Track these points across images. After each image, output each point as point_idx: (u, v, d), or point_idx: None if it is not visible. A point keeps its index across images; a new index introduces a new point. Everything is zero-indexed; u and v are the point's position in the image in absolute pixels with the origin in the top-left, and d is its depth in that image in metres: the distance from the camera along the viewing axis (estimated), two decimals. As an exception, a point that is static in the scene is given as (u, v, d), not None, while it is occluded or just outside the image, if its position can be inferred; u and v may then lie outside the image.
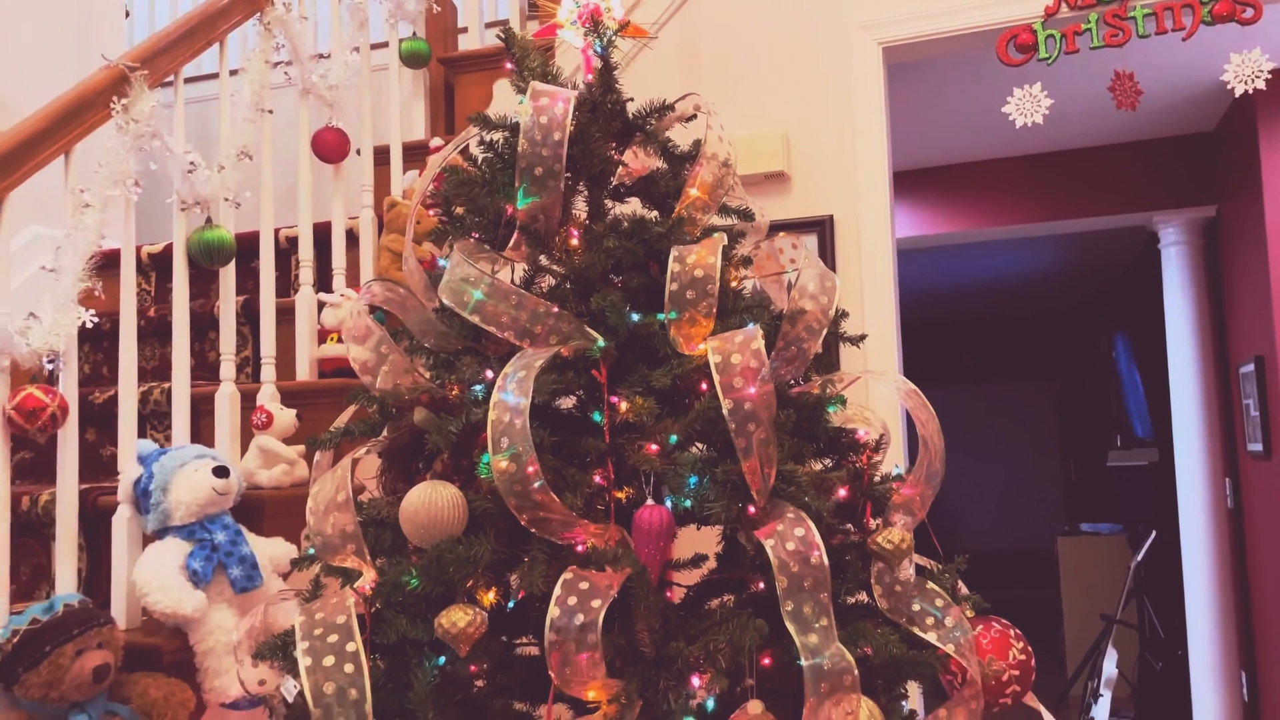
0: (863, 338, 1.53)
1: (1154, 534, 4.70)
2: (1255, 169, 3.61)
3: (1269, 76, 2.04)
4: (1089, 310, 8.45)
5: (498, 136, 1.46)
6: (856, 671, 1.13)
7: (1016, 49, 2.17)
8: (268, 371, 2.00)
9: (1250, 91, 2.02)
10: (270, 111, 2.04)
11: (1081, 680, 5.09)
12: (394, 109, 2.45)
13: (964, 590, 1.46)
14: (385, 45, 2.61)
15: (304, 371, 2.12)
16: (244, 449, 1.94)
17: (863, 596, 1.39)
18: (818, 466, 1.42)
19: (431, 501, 1.19)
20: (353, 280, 2.33)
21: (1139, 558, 4.74)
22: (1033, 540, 9.08)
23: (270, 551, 1.74)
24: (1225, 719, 4.20)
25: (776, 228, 2.36)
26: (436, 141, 2.45)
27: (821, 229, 2.32)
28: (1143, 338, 5.92)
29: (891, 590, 1.34)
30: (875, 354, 2.27)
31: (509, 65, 1.54)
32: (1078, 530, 6.22)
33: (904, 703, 1.38)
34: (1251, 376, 3.81)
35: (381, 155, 2.49)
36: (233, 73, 2.07)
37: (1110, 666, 4.63)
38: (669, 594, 1.46)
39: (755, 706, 1.10)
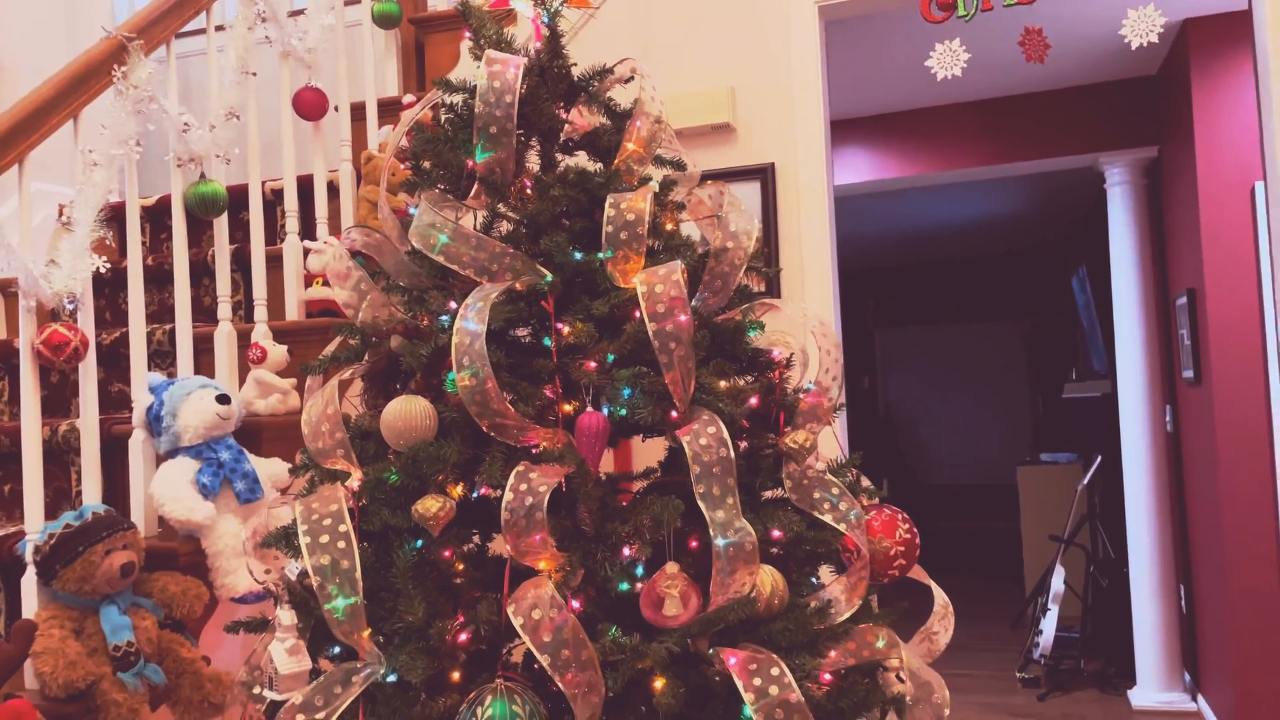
0: (778, 271, 1.75)
1: (1099, 458, 4.99)
2: (1189, 112, 3.83)
3: (1162, 29, 2.25)
4: (1054, 251, 8.70)
5: (458, 99, 1.67)
6: (756, 541, 1.37)
7: (939, 8, 2.37)
8: (260, 312, 2.22)
9: (1145, 44, 2.23)
10: (254, 74, 2.23)
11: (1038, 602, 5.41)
12: (368, 68, 2.63)
13: (866, 484, 1.71)
14: (358, 1, 2.77)
15: (293, 312, 2.34)
16: (241, 382, 2.16)
17: (780, 491, 1.63)
18: (741, 382, 1.66)
19: (407, 411, 1.42)
20: (335, 228, 2.53)
21: (1085, 481, 5.03)
22: (1003, 474, 9.43)
23: (268, 470, 1.98)
24: (1164, 630, 4.52)
25: (722, 175, 2.59)
26: (409, 98, 2.64)
27: (764, 176, 2.53)
28: (1098, 275, 6.16)
29: (799, 483, 1.59)
30: (814, 288, 2.49)
31: (467, 35, 1.74)
32: (1037, 460, 6.53)
33: (814, 578, 1.64)
34: (1185, 308, 4.06)
35: (358, 111, 2.68)
36: (218, 28, 2.25)
37: (1058, 583, 4.95)
38: (623, 499, 1.70)
39: (672, 567, 1.35)
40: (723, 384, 1.60)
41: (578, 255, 1.55)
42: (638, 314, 1.50)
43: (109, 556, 1.70)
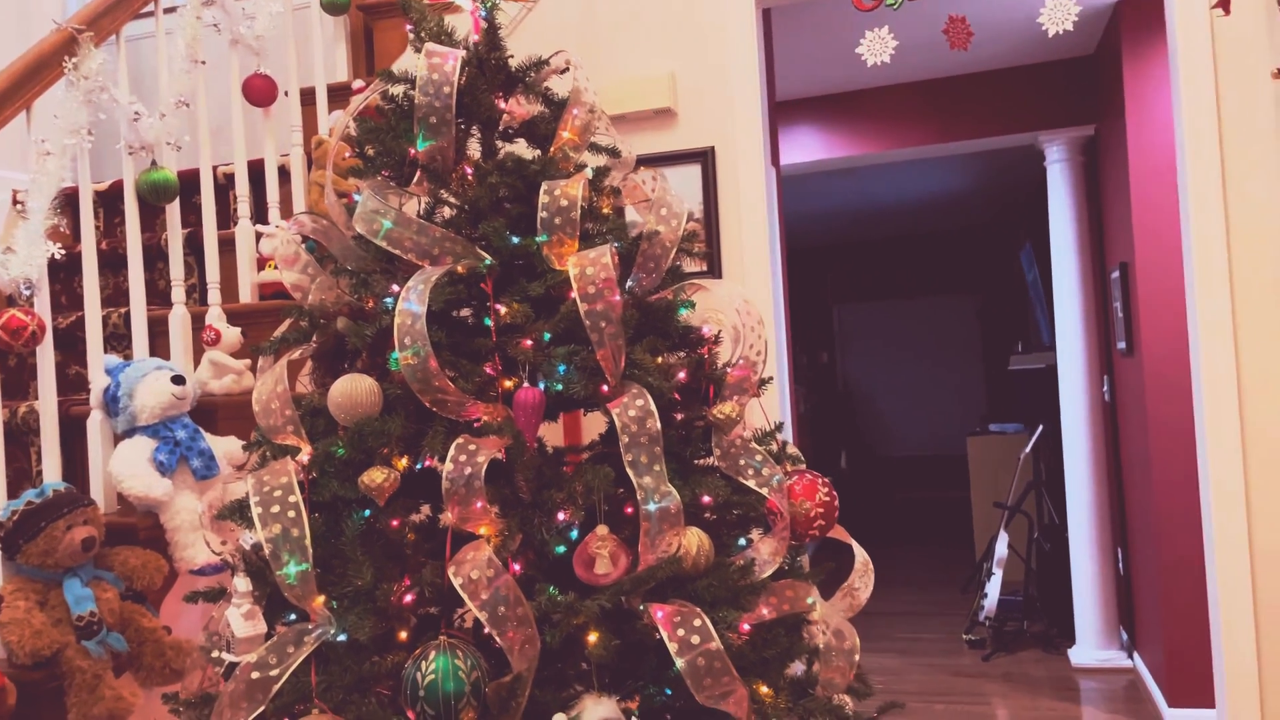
0: (707, 254, 1.84)
1: (1040, 428, 5.17)
2: (1121, 91, 3.96)
3: (1077, 18, 2.36)
4: (1005, 226, 8.88)
5: (400, 89, 1.74)
6: (681, 505, 1.48)
7: (868, -4, 2.47)
8: (213, 295, 2.29)
9: (1062, 32, 2.34)
10: (203, 63, 2.28)
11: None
12: (318, 54, 2.69)
13: (792, 451, 1.82)
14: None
15: (246, 294, 2.41)
16: (197, 363, 2.23)
17: (711, 460, 1.74)
18: (673, 358, 1.76)
19: (352, 389, 1.51)
20: (287, 213, 2.59)
21: (1027, 450, 5.21)
22: (958, 445, 9.66)
23: (224, 447, 2.05)
24: (1102, 591, 4.72)
25: (665, 159, 2.68)
26: (358, 83, 2.69)
27: (704, 159, 2.63)
28: (1042, 250, 6.33)
29: (727, 452, 1.70)
30: (753, 267, 2.60)
31: (409, 28, 1.81)
32: (986, 431, 6.72)
33: (743, 539, 1.75)
34: (1118, 282, 4.22)
35: (308, 96, 2.74)
36: (167, 10, 2.30)
37: (1001, 548, 5.13)
38: (568, 469, 1.80)
39: (602, 529, 1.45)
40: (656, 360, 1.71)
41: (515, 239, 1.64)
42: (572, 295, 1.60)
43: (70, 531, 1.77)
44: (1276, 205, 2.19)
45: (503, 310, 1.57)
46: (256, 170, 2.59)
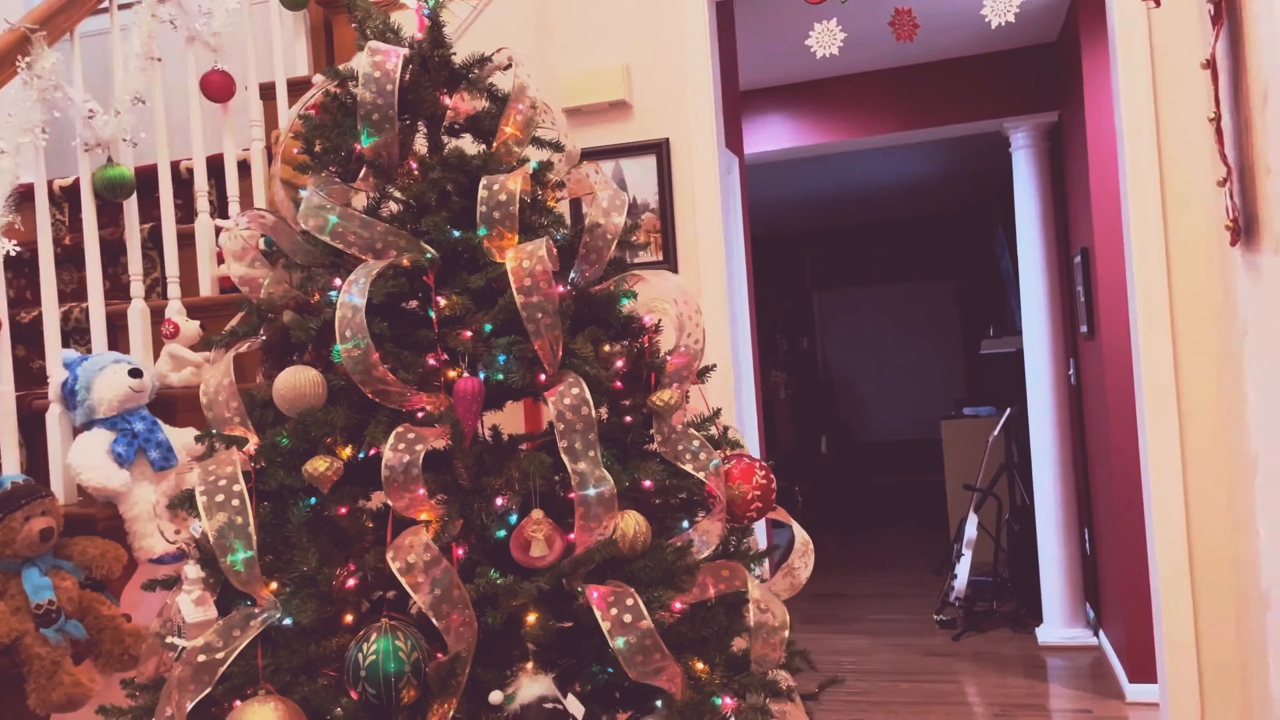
0: (644, 245, 1.89)
1: (1009, 410, 5.24)
2: (1080, 78, 4.02)
3: (1018, 10, 2.41)
4: (981, 211, 8.95)
5: (343, 87, 1.78)
6: (614, 490, 1.53)
7: (817, -12, 2.51)
8: (173, 289, 2.32)
9: (1003, 24, 2.39)
10: (159, 60, 2.31)
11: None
12: (277, 49, 2.72)
13: (733, 436, 1.87)
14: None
15: (206, 288, 2.44)
16: (157, 356, 2.27)
17: (653, 446, 1.79)
18: (617, 347, 1.81)
19: (296, 380, 1.55)
20: (248, 207, 2.63)
21: (995, 433, 5.29)
22: (936, 429, 9.75)
23: (182, 439, 2.09)
24: (1068, 571, 4.81)
25: (620, 151, 2.72)
26: (319, 78, 2.72)
27: (659, 150, 2.67)
28: (1013, 235, 6.40)
29: (668, 438, 1.75)
30: (707, 255, 2.65)
31: (353, 25, 1.85)
32: (960, 414, 6.80)
33: (685, 522, 1.80)
34: (1080, 267, 4.29)
35: (269, 91, 2.77)
36: (122, 7, 2.32)
37: (971, 530, 5.22)
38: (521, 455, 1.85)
39: (537, 514, 1.50)
40: (605, 348, 1.76)
41: (456, 233, 1.68)
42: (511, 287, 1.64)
43: (29, 522, 1.81)
44: (1210, 189, 2.25)
45: (443, 303, 1.61)
46: (219, 165, 2.62)
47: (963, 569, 5.15)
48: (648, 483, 1.69)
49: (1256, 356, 2.01)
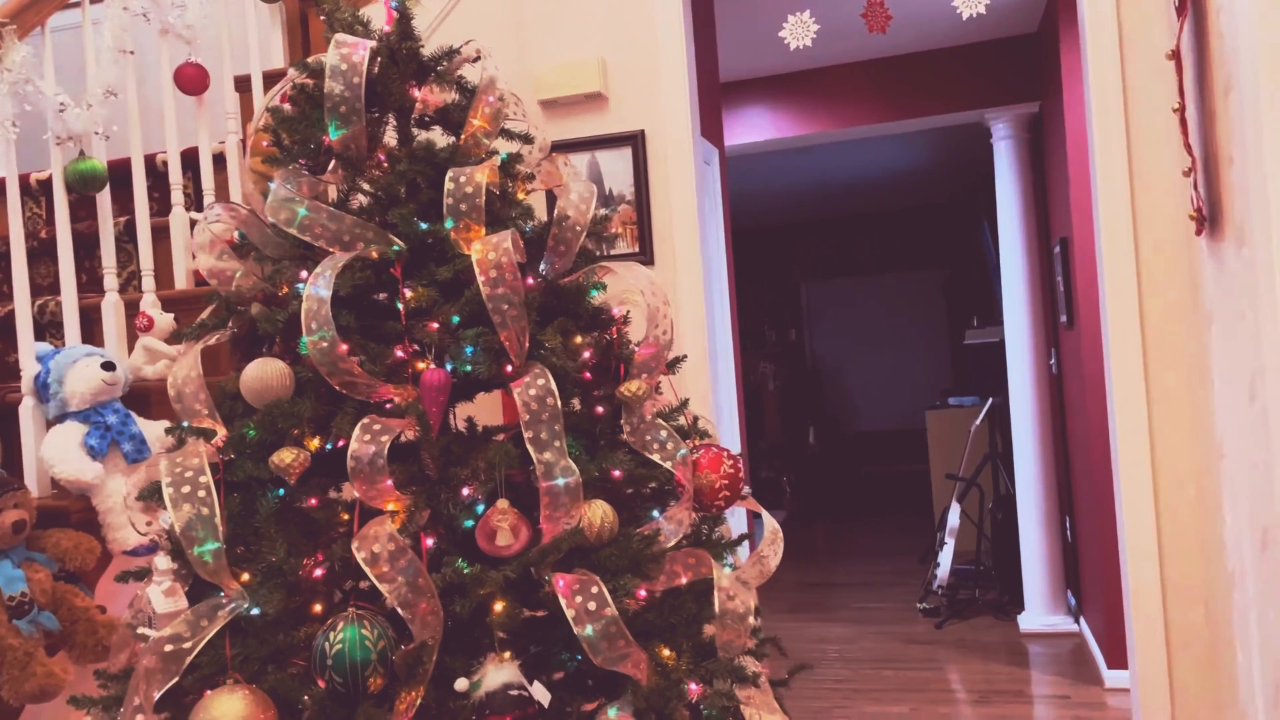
0: (615, 237, 1.90)
1: (990, 400, 5.27)
2: (1059, 70, 4.03)
3: (988, 1, 2.42)
4: (968, 202, 8.97)
5: (311, 80, 1.79)
6: (580, 480, 1.54)
7: (790, -21, 2.52)
8: (147, 282, 2.33)
9: (974, 15, 2.40)
10: (131, 53, 2.31)
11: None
12: (253, 41, 2.71)
13: (702, 426, 1.89)
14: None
15: (182, 281, 2.45)
16: (131, 349, 2.27)
17: (624, 436, 1.81)
18: (586, 338, 1.82)
19: (263, 372, 1.56)
20: (225, 199, 2.63)
21: (977, 422, 5.32)
22: (923, 419, 9.79)
23: (156, 431, 2.10)
24: (1049, 559, 4.84)
25: (596, 143, 2.73)
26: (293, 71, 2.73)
27: (634, 143, 2.68)
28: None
29: (636, 428, 1.76)
30: (683, 246, 2.66)
31: (322, 18, 1.85)
32: (945, 404, 6.84)
33: (656, 511, 1.81)
34: (1060, 257, 4.31)
35: (244, 83, 2.77)
36: (94, 0, 2.31)
37: (953, 519, 5.25)
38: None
39: (502, 503, 1.52)
40: (573, 339, 1.77)
41: (423, 225, 1.69)
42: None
43: (1, 515, 1.82)
44: (1178, 179, 2.27)
45: (409, 294, 1.62)
46: (194, 158, 2.62)
47: (945, 558, 5.19)
48: (617, 472, 1.70)
49: (1221, 344, 2.04)
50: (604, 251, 2.67)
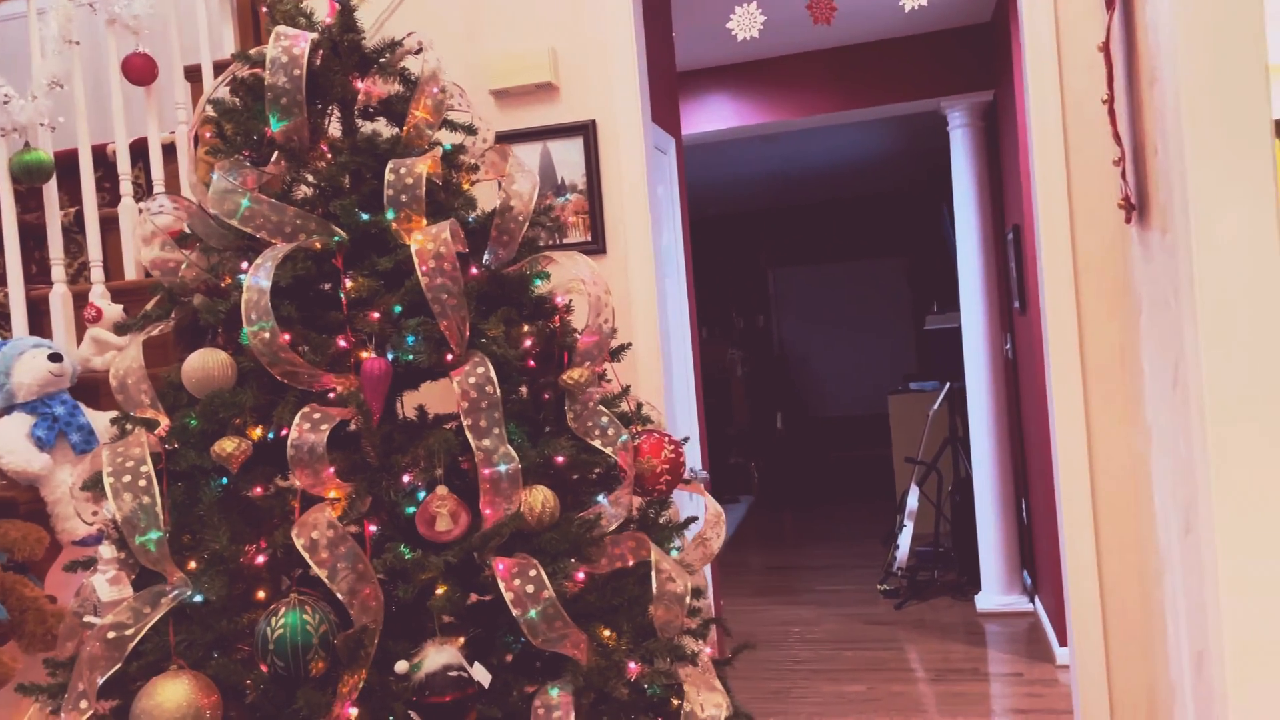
0: (556, 227, 1.93)
1: (947, 385, 5.35)
2: (1011, 58, 4.09)
3: (932, -6, 2.47)
4: (931, 189, 9.06)
5: (251, 72, 1.80)
6: (519, 466, 1.58)
7: (738, -29, 2.55)
8: (96, 273, 2.33)
9: (915, 8, 2.45)
10: (77, 43, 2.30)
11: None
12: (202, 32, 2.71)
13: (646, 412, 1.93)
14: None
15: (131, 272, 2.45)
16: (80, 340, 2.28)
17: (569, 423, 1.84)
18: (527, 327, 1.85)
19: (204, 363, 1.58)
20: (175, 190, 2.63)
21: (935, 407, 5.40)
22: (886, 404, 9.90)
23: (104, 422, 2.11)
24: (1005, 540, 4.94)
25: (548, 133, 2.75)
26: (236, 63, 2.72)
27: (586, 132, 2.70)
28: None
29: (579, 415, 1.80)
30: (635, 239, 2.69)
31: (264, 10, 1.86)
32: (907, 389, 6.93)
33: (601, 496, 1.85)
34: (1013, 243, 4.38)
35: (195, 73, 2.76)
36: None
37: (912, 501, 5.33)
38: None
39: (442, 489, 1.55)
40: (519, 328, 1.80)
41: (365, 216, 1.71)
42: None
43: (-54, 507, 1.82)
44: (1109, 168, 2.32)
45: (349, 285, 1.65)
46: (144, 148, 2.62)
47: (904, 540, 5.27)
48: (560, 458, 1.74)
49: (1149, 330, 2.10)
50: (556, 241, 2.70)
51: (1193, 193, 1.69)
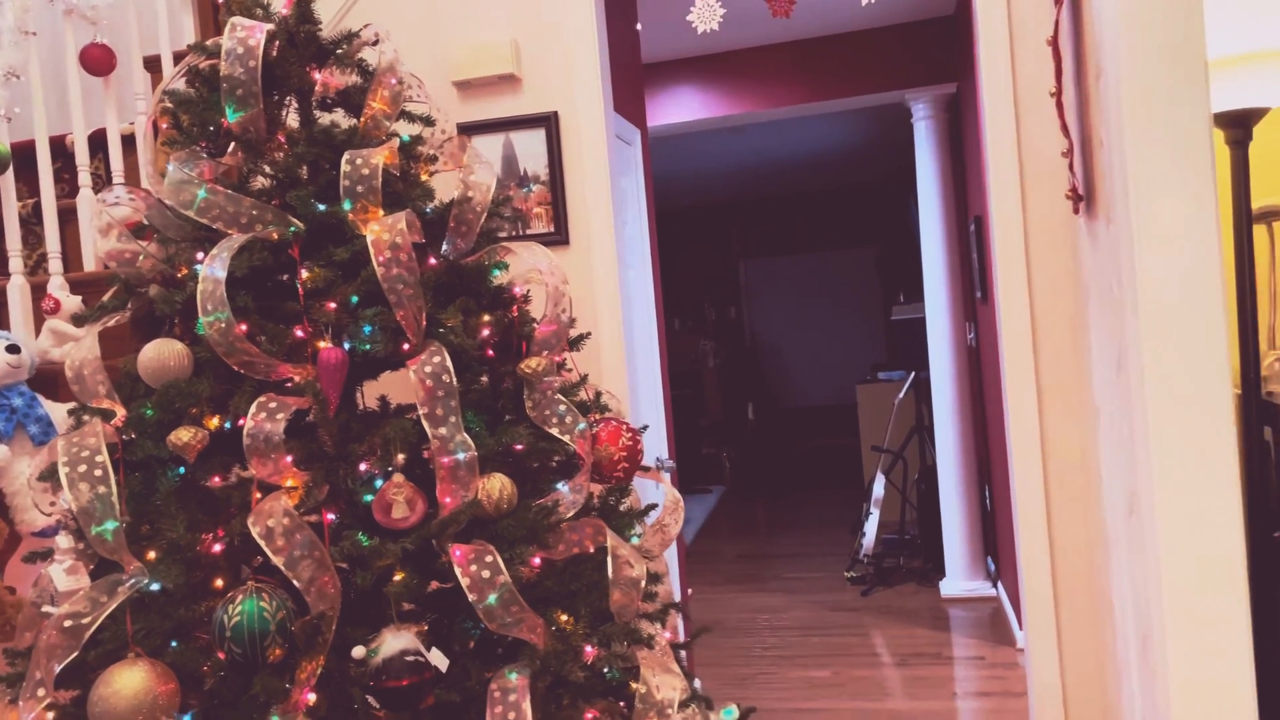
0: (525, 217, 1.95)
1: (912, 374, 5.42)
2: (973, 51, 4.14)
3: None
4: (899, 180, 9.13)
5: (207, 63, 1.80)
6: (475, 454, 1.60)
7: (697, -36, 2.57)
8: (54, 264, 2.32)
9: (871, 1, 2.48)
10: (34, 34, 2.29)
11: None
12: (162, 22, 2.70)
13: (605, 400, 1.95)
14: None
15: (90, 263, 2.44)
16: (39, 332, 2.27)
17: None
18: (487, 317, 1.87)
19: (159, 353, 1.59)
20: (135, 181, 2.62)
21: (900, 396, 5.46)
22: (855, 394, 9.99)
23: (63, 414, 2.10)
24: (969, 527, 5.01)
25: (510, 124, 2.76)
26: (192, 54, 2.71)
27: (548, 124, 2.72)
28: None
29: (538, 403, 1.82)
30: (598, 227, 2.71)
31: (221, 1, 1.86)
32: (875, 379, 7.00)
33: (559, 484, 1.87)
34: (974, 234, 4.44)
35: (155, 63, 2.75)
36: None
37: (879, 489, 5.40)
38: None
39: (398, 477, 1.56)
40: (477, 318, 1.82)
41: (321, 207, 1.72)
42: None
43: (-98, 500, 1.82)
44: (1059, 159, 2.37)
45: (305, 275, 1.66)
46: (103, 140, 2.60)
47: (871, 527, 5.34)
48: (519, 446, 1.76)
49: (1096, 317, 2.15)
50: (520, 231, 2.71)
51: (1134, 183, 1.73)
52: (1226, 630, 1.75)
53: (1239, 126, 2.11)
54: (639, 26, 2.25)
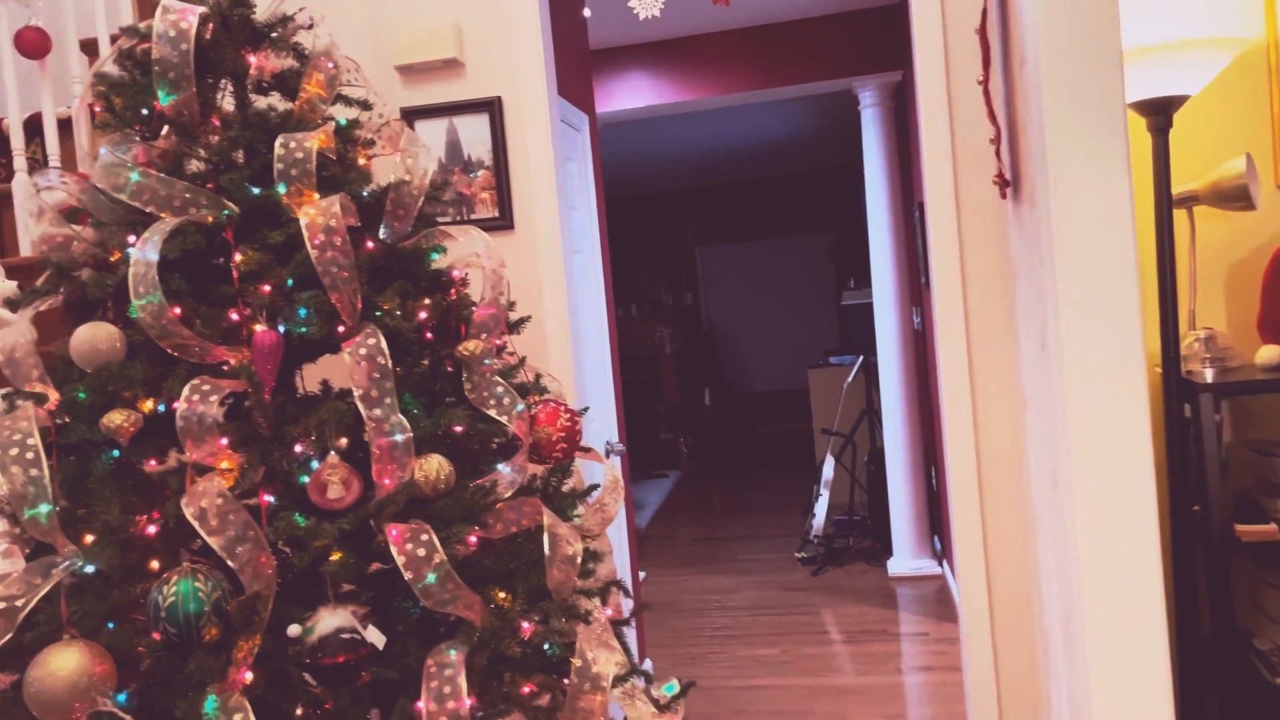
0: (470, 202, 1.96)
1: (860, 358, 5.50)
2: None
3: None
4: (853, 167, 9.23)
5: (139, 46, 1.79)
6: (410, 435, 1.62)
7: (638, -50, 2.59)
8: (-12, 250, 2.30)
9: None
10: (-38, 14, 2.26)
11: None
12: (99, 5, 2.66)
13: (545, 382, 1.98)
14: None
15: (26, 248, 2.41)
16: (-27, 318, 2.24)
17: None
18: (427, 300, 1.89)
19: (91, 336, 1.59)
20: (72, 165, 2.59)
21: (849, 380, 5.55)
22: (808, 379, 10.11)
23: (-1, 399, 2.09)
24: (915, 507, 5.11)
25: (454, 108, 2.77)
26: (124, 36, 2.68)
27: (491, 109, 2.73)
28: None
29: (476, 385, 1.84)
30: (542, 215, 2.73)
31: (154, -19, 1.85)
32: (827, 363, 7.09)
33: (499, 465, 1.90)
34: (919, 220, 4.52)
35: (92, 46, 2.71)
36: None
37: (828, 471, 5.48)
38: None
39: (333, 458, 1.58)
40: (415, 301, 1.83)
41: (255, 190, 1.73)
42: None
43: None
44: (987, 145, 2.43)
45: (239, 258, 1.66)
46: (39, 124, 2.57)
47: (821, 508, 5.42)
48: (458, 428, 1.78)
49: (1023, 299, 2.21)
50: (465, 216, 2.73)
51: (1053, 167, 1.79)
52: (1142, 602, 1.82)
53: (1159, 114, 2.18)
54: (587, 12, 2.26)
